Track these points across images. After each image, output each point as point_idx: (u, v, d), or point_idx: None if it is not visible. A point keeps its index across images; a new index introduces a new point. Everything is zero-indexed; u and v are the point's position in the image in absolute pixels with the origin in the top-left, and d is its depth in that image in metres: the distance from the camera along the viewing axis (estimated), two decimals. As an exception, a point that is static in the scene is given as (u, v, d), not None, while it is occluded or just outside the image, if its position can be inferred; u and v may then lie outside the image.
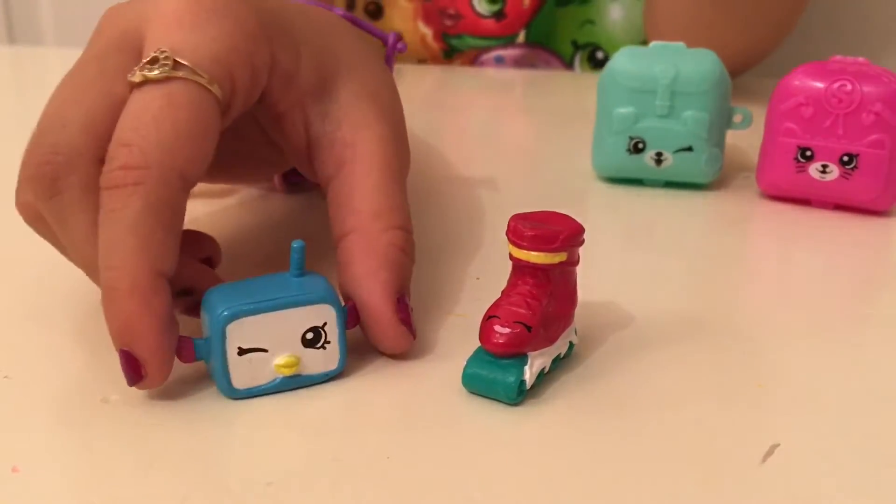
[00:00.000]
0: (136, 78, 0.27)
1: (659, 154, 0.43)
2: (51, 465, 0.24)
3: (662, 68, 0.42)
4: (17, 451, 0.24)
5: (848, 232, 0.40)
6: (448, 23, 0.75)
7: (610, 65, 0.43)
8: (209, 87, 0.27)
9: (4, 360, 0.29)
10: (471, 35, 0.75)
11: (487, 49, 0.75)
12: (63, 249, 0.29)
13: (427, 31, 0.76)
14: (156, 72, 0.26)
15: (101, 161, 0.27)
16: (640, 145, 0.43)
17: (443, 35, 0.76)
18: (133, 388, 0.26)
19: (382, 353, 0.29)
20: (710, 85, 0.42)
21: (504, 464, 0.24)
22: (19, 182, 0.28)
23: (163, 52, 0.27)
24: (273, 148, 0.34)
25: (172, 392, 0.27)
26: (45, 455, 0.24)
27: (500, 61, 0.75)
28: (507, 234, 0.27)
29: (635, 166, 0.44)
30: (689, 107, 0.42)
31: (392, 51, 0.38)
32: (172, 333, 0.26)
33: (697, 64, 0.42)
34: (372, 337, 0.29)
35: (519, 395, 0.26)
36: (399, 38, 0.38)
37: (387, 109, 0.32)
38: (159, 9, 0.28)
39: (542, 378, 0.27)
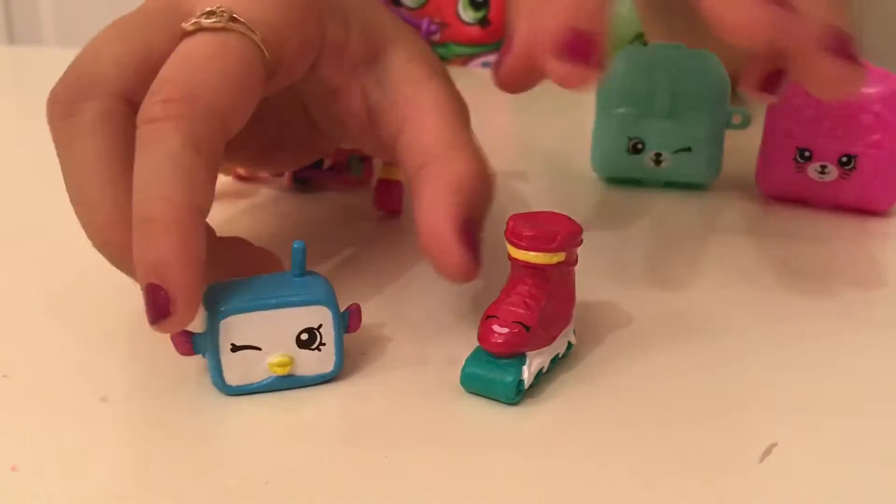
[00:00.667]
0: (190, 26, 0.27)
1: (658, 154, 0.43)
2: (49, 463, 0.24)
3: (662, 69, 0.42)
4: (15, 450, 0.24)
5: (847, 232, 0.40)
6: (433, 29, 0.75)
7: (610, 65, 0.43)
8: (261, 45, 0.27)
9: (3, 359, 0.29)
10: (457, 43, 0.75)
11: (474, 56, 0.75)
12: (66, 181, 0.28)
13: None
14: (213, 20, 0.27)
15: (126, 100, 0.27)
16: (640, 146, 0.43)
17: (429, 44, 0.75)
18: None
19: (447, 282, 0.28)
20: (709, 86, 0.42)
21: (502, 463, 0.24)
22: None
23: (220, 7, 0.27)
24: (315, 132, 0.34)
25: (171, 391, 0.27)
26: (44, 454, 0.24)
27: (488, 67, 0.75)
28: (505, 234, 0.27)
29: (634, 167, 0.44)
30: (688, 107, 0.42)
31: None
32: (203, 276, 0.25)
33: (697, 65, 0.42)
34: (433, 261, 0.28)
35: (517, 395, 0.26)
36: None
37: (438, 69, 0.32)
38: None
39: (541, 377, 0.27)
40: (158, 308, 0.24)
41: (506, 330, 0.26)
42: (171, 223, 0.24)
